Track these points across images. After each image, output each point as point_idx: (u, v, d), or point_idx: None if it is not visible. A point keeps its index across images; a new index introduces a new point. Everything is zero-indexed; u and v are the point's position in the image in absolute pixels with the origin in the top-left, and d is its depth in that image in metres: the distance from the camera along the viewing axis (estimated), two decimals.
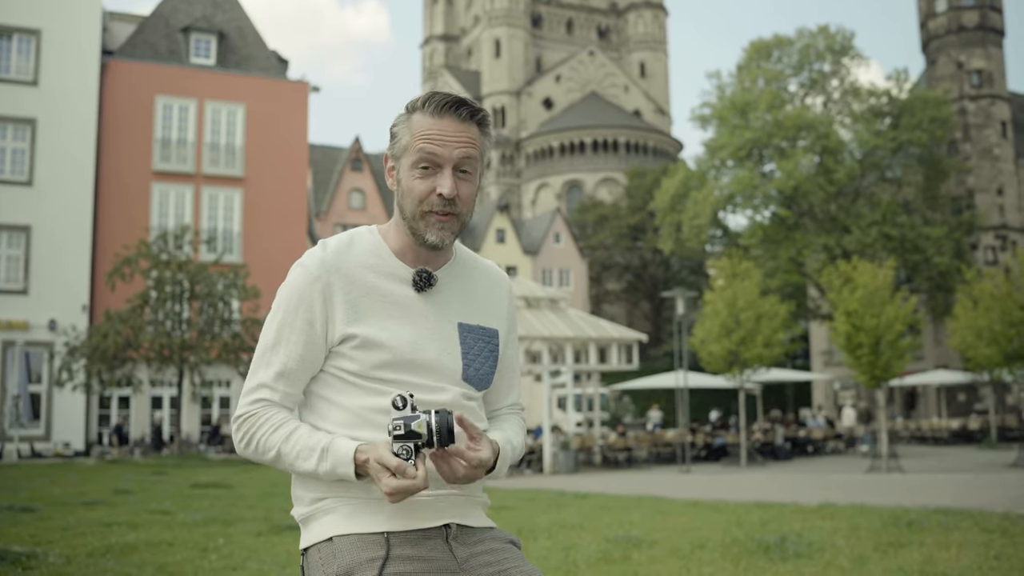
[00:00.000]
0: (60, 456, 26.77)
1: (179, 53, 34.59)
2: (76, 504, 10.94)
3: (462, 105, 1.83)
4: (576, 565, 6.48)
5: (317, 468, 1.75)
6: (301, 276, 1.85)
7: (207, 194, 33.23)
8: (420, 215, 1.83)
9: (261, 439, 1.80)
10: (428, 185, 1.82)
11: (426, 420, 1.69)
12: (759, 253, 41.94)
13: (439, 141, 1.81)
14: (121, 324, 24.68)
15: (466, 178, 1.84)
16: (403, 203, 1.86)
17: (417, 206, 1.83)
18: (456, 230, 1.86)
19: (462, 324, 1.93)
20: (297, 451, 1.77)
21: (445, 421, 1.69)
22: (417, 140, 1.82)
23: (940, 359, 44.89)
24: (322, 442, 1.76)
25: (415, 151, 1.82)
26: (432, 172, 1.82)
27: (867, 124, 42.43)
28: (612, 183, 76.74)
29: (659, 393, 40.66)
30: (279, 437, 1.79)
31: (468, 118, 1.84)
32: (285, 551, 7.11)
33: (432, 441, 1.69)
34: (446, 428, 1.69)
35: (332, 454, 1.74)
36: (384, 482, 1.67)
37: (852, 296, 22.48)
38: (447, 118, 1.82)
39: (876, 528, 8.17)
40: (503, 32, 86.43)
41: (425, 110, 1.84)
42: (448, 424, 1.69)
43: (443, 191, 1.80)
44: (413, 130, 1.84)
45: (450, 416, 1.70)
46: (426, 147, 1.81)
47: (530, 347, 23.91)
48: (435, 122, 1.82)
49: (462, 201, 1.84)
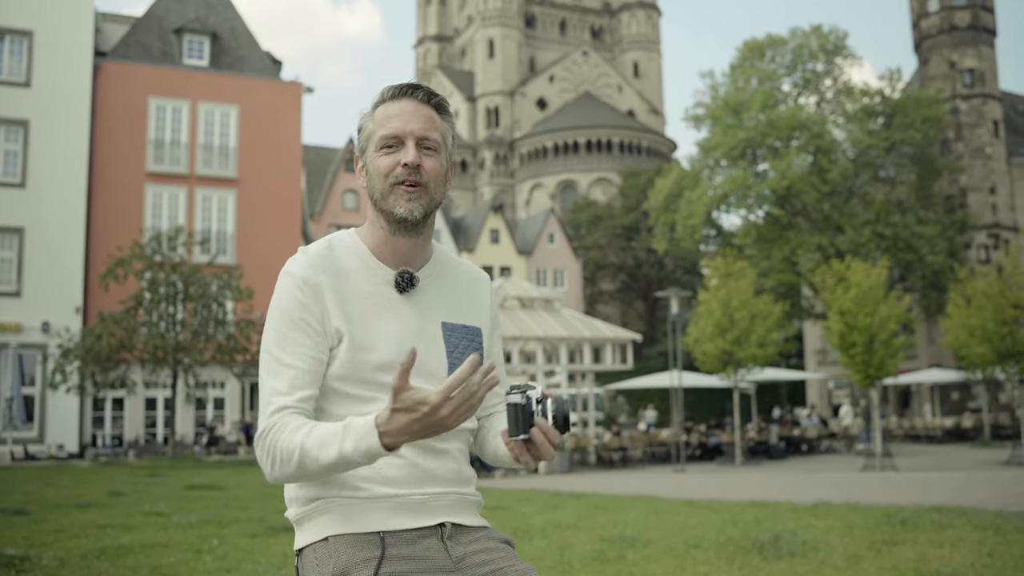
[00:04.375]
0: (54, 458, 26.70)
1: (172, 54, 34.53)
2: (70, 506, 10.91)
3: (418, 88, 1.89)
4: (571, 565, 6.48)
5: (342, 448, 1.65)
6: (290, 282, 1.84)
7: (200, 195, 33.16)
8: (388, 189, 1.85)
9: (283, 444, 1.70)
10: (393, 159, 1.85)
11: (542, 399, 1.75)
12: (753, 253, 41.96)
13: (399, 119, 1.85)
14: (115, 326, 24.62)
15: (430, 154, 1.87)
16: (372, 186, 1.88)
17: (384, 180, 1.85)
18: (425, 204, 1.86)
19: (446, 323, 1.93)
20: (320, 441, 1.67)
21: (562, 408, 1.74)
22: (379, 126, 1.87)
23: (934, 358, 44.99)
24: (340, 424, 1.70)
25: (378, 136, 1.86)
26: (396, 149, 1.85)
27: (860, 124, 42.49)
28: (606, 183, 76.80)
29: (653, 393, 40.70)
30: (301, 435, 1.70)
31: (425, 100, 1.89)
32: (280, 552, 7.11)
33: (545, 418, 1.74)
34: (562, 415, 1.73)
35: (352, 429, 1.65)
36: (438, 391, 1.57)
37: (846, 295, 22.52)
38: (404, 100, 1.88)
39: (870, 526, 8.19)
40: (497, 32, 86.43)
41: (384, 99, 1.90)
42: (565, 411, 1.73)
43: (407, 160, 1.83)
44: (376, 119, 1.89)
45: (566, 404, 1.74)
46: (387, 126, 1.85)
47: (525, 347, 23.91)
48: (394, 105, 1.88)
49: (428, 173, 1.85)
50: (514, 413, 1.72)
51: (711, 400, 43.08)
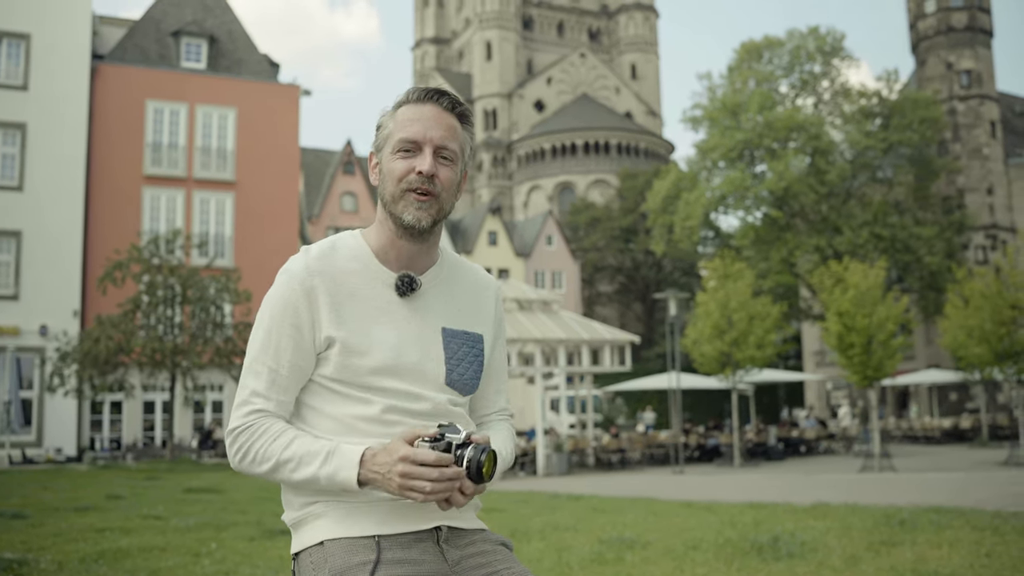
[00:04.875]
0: (52, 462, 26.67)
1: (170, 57, 34.52)
2: (68, 510, 10.90)
3: (443, 95, 1.87)
4: (569, 567, 6.48)
5: (319, 472, 1.71)
6: (285, 282, 1.85)
7: (198, 198, 33.15)
8: (400, 194, 1.84)
9: (260, 450, 1.76)
10: (408, 164, 1.84)
11: (463, 445, 1.68)
12: (751, 254, 42.01)
13: (420, 124, 1.84)
14: (113, 329, 24.59)
15: (447, 164, 1.86)
16: (384, 188, 1.88)
17: (396, 185, 1.84)
18: (434, 213, 1.85)
19: (446, 329, 1.92)
20: (300, 456, 1.73)
21: (477, 457, 1.67)
22: (399, 128, 1.85)
23: (932, 359, 45.03)
24: (327, 446, 1.74)
25: (396, 139, 1.85)
26: (413, 154, 1.84)
27: (858, 125, 42.55)
28: (604, 185, 76.83)
29: (652, 394, 40.68)
30: (279, 446, 1.75)
31: (449, 108, 1.88)
32: (278, 556, 7.10)
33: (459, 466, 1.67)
34: (476, 465, 1.67)
35: (337, 456, 1.71)
36: (426, 475, 1.63)
37: (844, 296, 22.54)
38: (428, 104, 1.86)
39: (868, 527, 8.19)
40: (494, 35, 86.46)
41: (408, 101, 1.88)
42: (480, 462, 1.67)
43: (422, 168, 1.82)
44: (397, 120, 1.87)
45: (484, 453, 1.68)
46: (407, 130, 1.84)
47: (523, 349, 23.91)
48: (417, 108, 1.86)
49: (441, 183, 1.85)
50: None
51: (709, 402, 43.06)
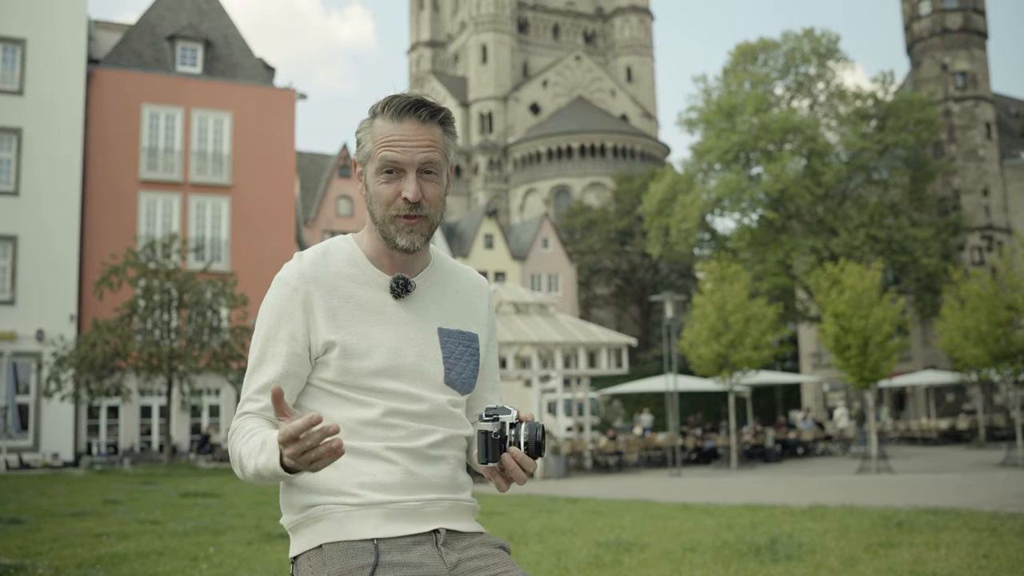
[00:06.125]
0: (49, 467, 26.63)
1: (165, 61, 34.50)
2: (65, 515, 10.88)
3: (422, 106, 1.83)
4: (567, 570, 6.48)
5: (257, 462, 1.66)
6: (280, 290, 1.86)
7: (194, 202, 33.13)
8: (389, 219, 1.84)
9: (232, 447, 1.77)
10: (393, 190, 1.83)
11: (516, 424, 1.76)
12: (747, 256, 42.07)
13: (400, 147, 1.81)
14: (109, 333, 24.56)
15: (431, 179, 1.85)
16: (372, 208, 1.88)
17: (385, 210, 1.84)
18: (426, 232, 1.87)
19: (442, 329, 1.94)
20: (249, 451, 1.70)
21: (534, 434, 1.75)
22: (379, 147, 1.83)
23: (928, 360, 45.09)
24: (263, 436, 1.69)
25: (378, 158, 1.83)
26: (396, 177, 1.83)
27: (853, 126, 42.64)
28: (600, 188, 76.87)
29: (649, 397, 40.69)
30: (242, 441, 1.73)
31: (429, 119, 1.84)
32: (276, 560, 7.09)
33: (517, 445, 1.75)
34: (534, 442, 1.74)
35: (268, 445, 1.65)
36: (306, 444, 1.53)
37: (840, 298, 22.55)
38: (407, 121, 1.82)
39: (866, 529, 8.19)
40: (490, 38, 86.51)
41: (385, 114, 1.84)
42: (538, 438, 1.74)
43: (407, 195, 1.81)
44: (375, 136, 1.84)
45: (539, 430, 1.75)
46: (388, 154, 1.81)
47: (519, 352, 23.90)
48: (396, 127, 1.82)
49: (428, 203, 1.84)
50: (483, 440, 1.76)
51: (707, 404, 43.10)
